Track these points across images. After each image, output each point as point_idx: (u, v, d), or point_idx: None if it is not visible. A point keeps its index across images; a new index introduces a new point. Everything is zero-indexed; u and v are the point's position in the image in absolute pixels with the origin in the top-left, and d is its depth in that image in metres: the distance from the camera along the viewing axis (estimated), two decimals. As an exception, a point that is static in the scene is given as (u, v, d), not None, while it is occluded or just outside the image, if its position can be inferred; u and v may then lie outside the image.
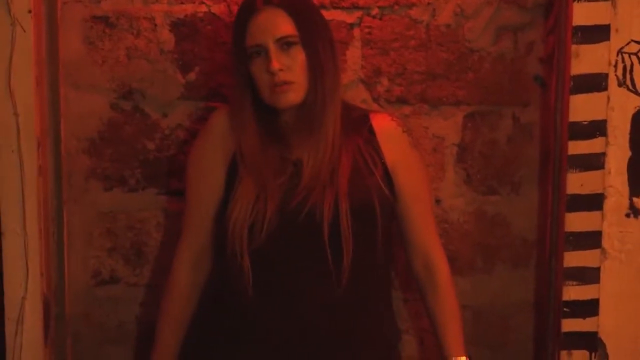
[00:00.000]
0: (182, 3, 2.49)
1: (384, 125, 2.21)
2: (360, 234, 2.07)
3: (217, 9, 2.48)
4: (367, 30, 2.50)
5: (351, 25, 2.49)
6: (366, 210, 2.09)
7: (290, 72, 2.07)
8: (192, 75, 2.52)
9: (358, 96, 2.51)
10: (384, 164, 2.16)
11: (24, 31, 2.29)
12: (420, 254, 2.24)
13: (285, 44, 2.06)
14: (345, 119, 2.15)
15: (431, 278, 2.24)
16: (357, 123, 2.19)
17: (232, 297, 2.14)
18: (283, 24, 2.06)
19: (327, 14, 2.36)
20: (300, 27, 2.07)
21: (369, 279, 2.15)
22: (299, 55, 2.07)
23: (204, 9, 2.49)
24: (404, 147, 2.21)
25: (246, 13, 2.10)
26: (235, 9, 2.21)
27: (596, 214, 2.31)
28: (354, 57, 2.50)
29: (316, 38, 2.09)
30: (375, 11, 2.49)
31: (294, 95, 2.08)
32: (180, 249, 2.25)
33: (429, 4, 2.49)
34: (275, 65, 2.05)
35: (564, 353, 2.35)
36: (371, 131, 2.19)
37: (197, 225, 2.22)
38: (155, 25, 2.50)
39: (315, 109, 2.09)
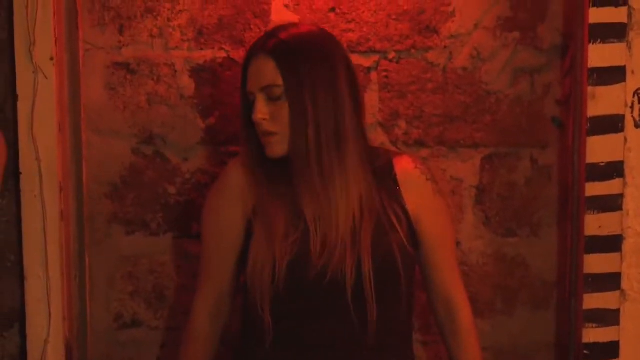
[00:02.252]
0: (201, 49, 2.52)
1: (407, 173, 2.14)
2: (383, 291, 2.03)
3: (236, 54, 2.50)
4: (384, 73, 2.51)
5: (368, 69, 2.51)
6: (389, 269, 2.04)
7: (273, 122, 2.02)
8: (211, 120, 2.55)
9: (376, 139, 2.51)
10: (408, 219, 2.10)
11: (46, 78, 2.32)
12: (442, 297, 2.21)
13: (272, 93, 2.02)
14: (368, 169, 2.09)
15: (453, 321, 2.21)
16: (381, 173, 2.12)
17: (251, 347, 2.12)
18: (268, 73, 2.01)
19: (345, 59, 2.37)
20: (286, 77, 2.01)
21: (393, 329, 2.11)
22: (284, 106, 2.02)
23: (223, 54, 2.51)
24: (427, 195, 2.15)
25: (247, 58, 2.08)
26: (253, 55, 2.23)
27: (615, 255, 2.30)
28: (371, 100, 2.51)
29: (303, 88, 2.01)
30: (392, 55, 2.50)
31: (277, 147, 2.04)
32: (199, 297, 2.21)
33: (445, 47, 2.50)
34: (258, 115, 2.02)
35: (584, 396, 2.34)
36: (394, 181, 2.13)
37: (215, 273, 2.18)
38: (176, 71, 2.53)
39: (308, 162, 2.02)
